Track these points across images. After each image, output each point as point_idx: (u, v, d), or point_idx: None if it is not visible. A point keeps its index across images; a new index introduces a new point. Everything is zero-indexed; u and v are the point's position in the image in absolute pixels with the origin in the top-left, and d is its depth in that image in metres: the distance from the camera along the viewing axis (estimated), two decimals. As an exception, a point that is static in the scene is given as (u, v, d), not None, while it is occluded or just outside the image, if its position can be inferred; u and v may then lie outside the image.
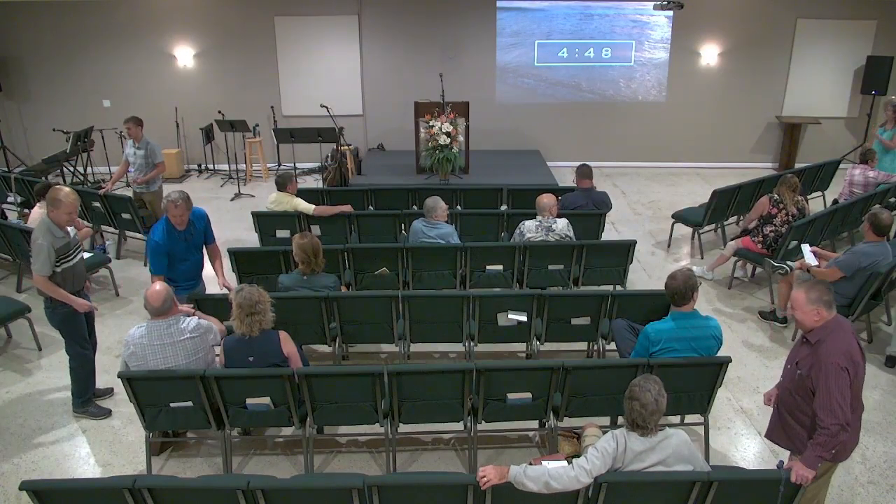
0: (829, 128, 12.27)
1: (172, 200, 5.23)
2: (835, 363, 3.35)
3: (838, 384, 3.34)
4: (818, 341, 3.45)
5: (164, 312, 4.24)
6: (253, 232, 7.07)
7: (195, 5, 11.47)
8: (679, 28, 11.86)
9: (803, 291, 3.50)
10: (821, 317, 3.46)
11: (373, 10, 11.61)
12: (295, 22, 11.57)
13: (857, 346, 3.50)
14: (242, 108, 11.47)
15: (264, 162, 11.80)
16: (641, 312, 5.09)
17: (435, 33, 11.72)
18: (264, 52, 11.71)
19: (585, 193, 7.27)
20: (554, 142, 12.19)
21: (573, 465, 3.24)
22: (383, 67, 11.87)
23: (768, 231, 7.00)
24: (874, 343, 6.34)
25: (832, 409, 3.32)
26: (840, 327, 3.49)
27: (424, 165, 9.81)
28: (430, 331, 5.36)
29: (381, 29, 11.72)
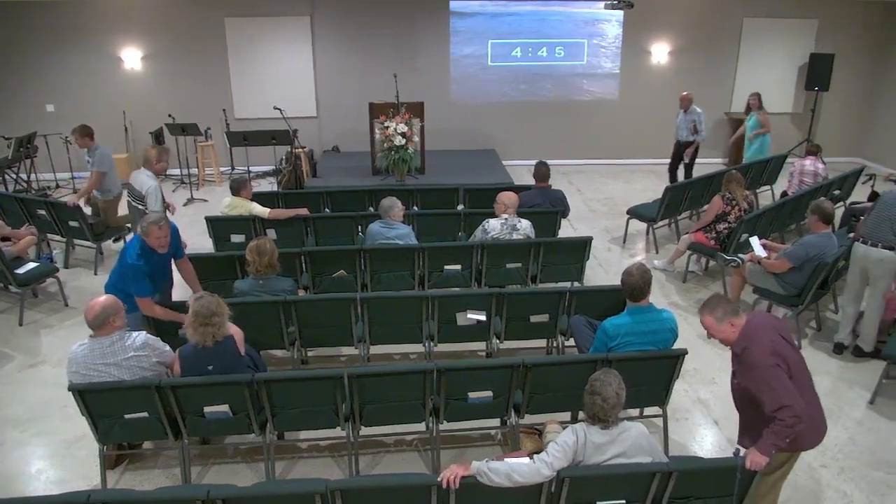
0: (776, 123, 12.52)
1: (155, 223, 4.86)
2: (764, 365, 3.41)
3: (778, 381, 3.38)
4: (743, 349, 3.50)
5: (103, 326, 4.04)
6: (207, 237, 6.96)
7: (142, 6, 11.23)
8: (630, 27, 12.06)
9: (708, 315, 3.57)
10: (736, 326, 3.53)
11: (325, 11, 11.53)
12: (246, 23, 11.41)
13: (780, 339, 3.54)
14: (193, 111, 11.26)
15: (217, 166, 11.61)
16: (599, 308, 5.16)
17: (388, 34, 11.70)
18: (215, 53, 11.53)
19: (542, 192, 7.33)
20: (509, 141, 12.27)
21: (535, 459, 3.27)
22: (337, 68, 11.79)
23: (722, 228, 7.17)
24: (822, 331, 6.53)
25: (782, 402, 3.36)
26: (757, 328, 3.53)
27: (380, 166, 9.78)
28: (390, 332, 5.35)
29: (333, 30, 11.64)
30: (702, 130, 9.97)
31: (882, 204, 5.88)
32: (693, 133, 9.98)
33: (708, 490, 3.50)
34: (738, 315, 3.56)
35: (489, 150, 12.05)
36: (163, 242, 4.95)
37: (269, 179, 11.51)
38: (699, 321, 3.68)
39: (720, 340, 3.63)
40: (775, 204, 8.07)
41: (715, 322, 3.55)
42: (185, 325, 4.11)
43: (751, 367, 3.45)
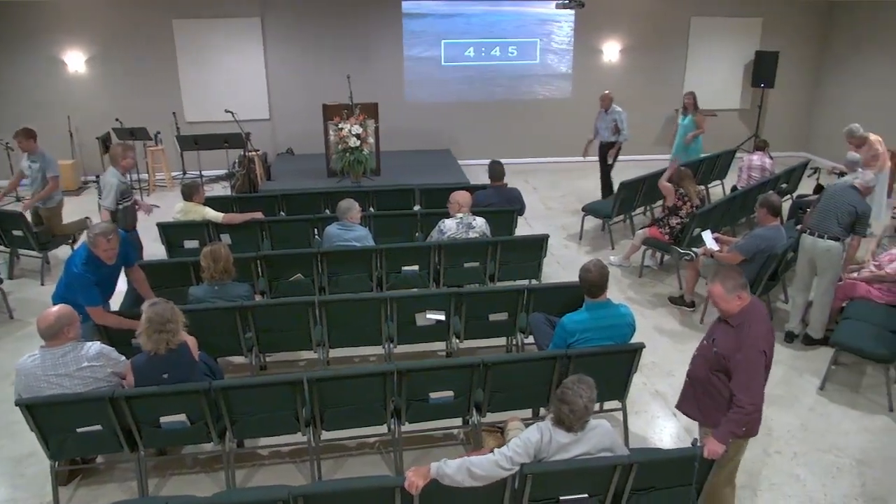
0: (725, 119, 12.88)
1: (103, 233, 4.71)
2: (756, 347, 3.51)
3: (757, 367, 3.51)
4: (740, 324, 3.58)
5: (56, 336, 3.93)
6: (160, 244, 6.81)
7: (84, 8, 10.93)
8: (581, 26, 12.20)
9: (719, 284, 3.62)
10: (742, 301, 3.60)
11: (276, 12, 11.39)
12: (195, 25, 11.21)
13: (772, 332, 3.68)
14: (142, 115, 11.01)
15: (168, 171, 11.39)
16: (557, 305, 5.19)
17: (341, 35, 11.62)
18: (163, 56, 11.28)
19: (498, 191, 7.36)
20: (464, 140, 12.30)
21: (495, 452, 3.28)
22: (289, 70, 11.66)
23: (675, 223, 7.31)
24: (774, 321, 6.66)
25: (750, 389, 3.48)
26: (759, 311, 3.65)
27: (335, 168, 9.70)
28: (349, 335, 5.31)
29: (285, 31, 11.51)
30: (624, 130, 9.61)
31: (827, 196, 6.07)
32: (615, 133, 9.64)
33: (668, 480, 3.56)
34: (746, 290, 3.63)
35: (444, 151, 12.06)
36: (110, 255, 4.81)
37: (222, 184, 11.33)
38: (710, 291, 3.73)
39: (720, 310, 3.68)
40: (726, 198, 8.26)
41: (724, 292, 3.60)
42: (139, 333, 4.01)
43: (739, 343, 3.53)
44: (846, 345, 5.42)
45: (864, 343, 5.35)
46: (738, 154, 10.96)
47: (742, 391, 3.49)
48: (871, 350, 5.30)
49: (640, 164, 11.86)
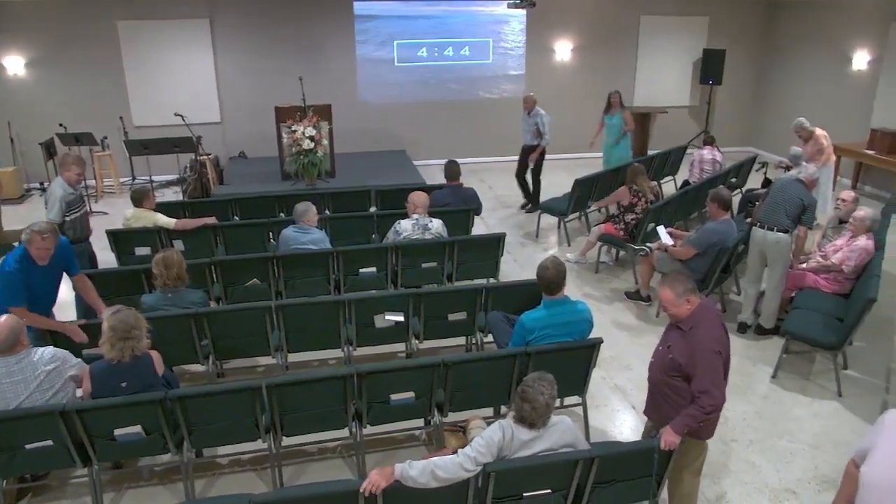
0: (675, 116, 13.14)
1: (39, 231, 4.60)
2: (710, 349, 3.57)
3: (713, 368, 3.57)
4: (691, 328, 3.64)
5: (13, 347, 3.87)
6: (109, 251, 6.64)
7: (22, 9, 10.57)
8: (533, 26, 12.29)
9: (669, 289, 3.67)
10: (692, 304, 3.65)
11: (225, 13, 11.21)
12: (140, 26, 10.96)
13: (724, 329, 3.74)
14: (87, 119, 10.72)
15: (117, 176, 11.12)
16: (516, 303, 5.22)
17: (292, 36, 11.49)
18: (108, 59, 11.00)
19: (454, 190, 7.37)
20: (420, 141, 12.29)
21: (458, 454, 3.28)
22: (240, 72, 11.49)
23: (630, 219, 7.41)
24: (727, 312, 6.83)
25: (709, 392, 3.54)
26: (709, 312, 3.71)
27: (289, 171, 9.59)
28: (307, 339, 5.26)
29: (234, 33, 11.34)
30: (545, 134, 9.38)
31: (775, 190, 6.22)
32: (536, 136, 9.42)
33: (629, 472, 3.61)
34: (695, 294, 3.68)
35: (399, 151, 12.03)
36: (42, 254, 4.69)
37: (173, 189, 11.11)
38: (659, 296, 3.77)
39: (671, 315, 3.73)
40: (678, 193, 8.42)
41: (673, 297, 3.65)
42: (102, 342, 3.93)
43: (694, 346, 3.59)
44: (796, 333, 5.56)
45: (813, 331, 5.50)
46: (689, 150, 11.17)
47: (704, 388, 3.54)
48: (819, 338, 5.45)
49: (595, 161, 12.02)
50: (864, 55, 10.90)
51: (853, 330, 5.37)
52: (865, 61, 10.91)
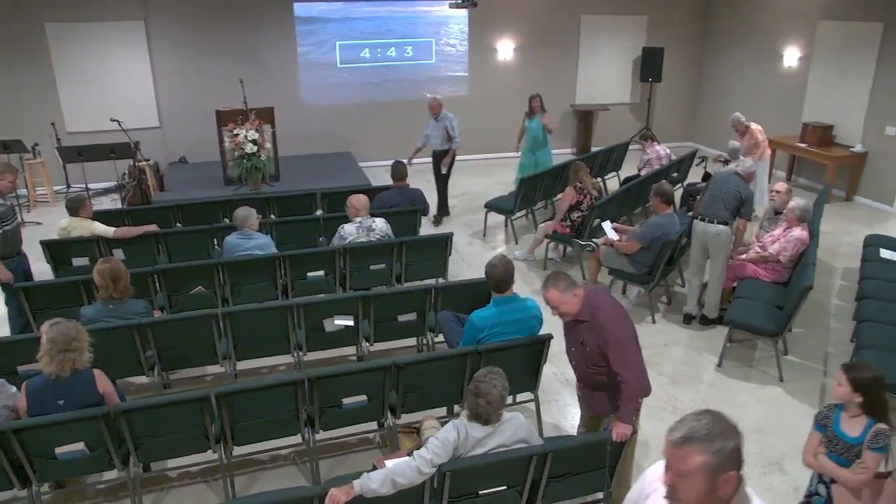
0: (617, 113, 13.38)
1: None
2: (615, 327, 3.67)
3: (626, 344, 3.67)
4: (591, 315, 3.71)
5: None
6: (44, 263, 6.40)
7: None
8: (475, 25, 12.34)
9: (553, 289, 3.73)
10: (578, 296, 3.73)
11: (160, 14, 10.92)
12: (71, 28, 10.58)
13: (620, 308, 3.86)
14: (16, 126, 10.30)
15: (50, 185, 10.73)
16: (465, 302, 5.24)
17: (231, 38, 11.26)
18: (37, 62, 10.56)
19: (401, 191, 7.35)
20: (365, 142, 12.20)
21: (415, 457, 3.27)
22: (178, 75, 11.22)
23: (576, 217, 7.50)
24: (673, 304, 6.99)
25: (627, 365, 3.64)
26: (599, 294, 3.82)
27: (233, 176, 9.42)
28: (256, 346, 5.17)
29: (171, 35, 11.06)
30: (456, 137, 9.08)
31: (714, 184, 6.39)
32: (447, 141, 9.11)
33: (582, 465, 3.66)
34: (577, 286, 3.76)
35: (345, 153, 11.92)
36: None
37: (111, 196, 10.77)
38: (547, 299, 3.80)
39: (563, 313, 3.77)
40: (622, 189, 8.57)
41: (560, 294, 3.71)
42: (40, 355, 3.79)
43: (601, 329, 3.67)
44: (739, 322, 5.72)
45: (755, 320, 5.67)
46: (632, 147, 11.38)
47: (621, 368, 3.63)
48: (761, 326, 5.62)
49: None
50: (795, 52, 11.29)
51: (792, 317, 5.55)
52: (796, 58, 11.30)
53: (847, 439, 3.41)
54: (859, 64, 10.11)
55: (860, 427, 3.39)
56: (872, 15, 9.84)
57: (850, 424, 3.43)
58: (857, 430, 3.40)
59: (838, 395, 3.43)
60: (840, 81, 10.49)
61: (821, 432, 3.53)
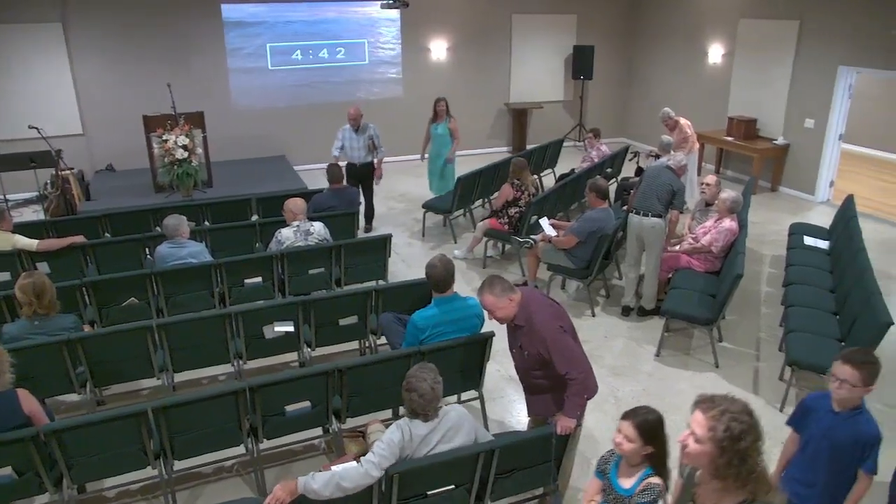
0: (551, 111, 13.56)
1: None
2: (553, 329, 3.69)
3: (565, 343, 3.70)
4: (527, 319, 3.74)
5: None
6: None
7: None
8: (407, 26, 12.31)
9: (488, 294, 3.72)
10: (514, 301, 3.74)
11: (80, 17, 10.49)
12: (-19, 33, 10.11)
13: (556, 306, 3.90)
14: (-71, 137, 9.80)
15: (-34, 197, 10.23)
16: (406, 303, 5.22)
17: (157, 41, 10.92)
18: (-53, 69, 10.09)
19: (337, 193, 7.28)
20: (299, 145, 12.03)
21: (362, 462, 3.25)
22: (102, 80, 10.81)
23: (514, 213, 7.56)
24: (611, 297, 7.12)
25: (572, 363, 3.68)
26: (534, 299, 3.84)
27: (163, 183, 9.16)
28: (194, 356, 5.03)
29: (92, 38, 10.64)
30: (380, 146, 8.70)
31: (647, 178, 6.54)
32: (371, 152, 8.67)
33: (529, 460, 3.69)
34: (514, 291, 3.77)
35: (279, 157, 11.74)
36: None
37: (32, 208, 10.31)
38: (482, 303, 3.79)
39: (500, 318, 3.78)
40: (558, 186, 8.68)
41: (495, 299, 3.71)
42: None
43: (538, 334, 3.69)
44: (675, 312, 5.87)
45: (690, 309, 5.83)
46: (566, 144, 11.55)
47: (567, 368, 3.67)
48: (696, 315, 5.78)
49: (476, 157, 12.21)
50: (719, 49, 11.66)
51: (725, 305, 5.73)
52: (720, 55, 11.67)
53: (619, 490, 3.02)
54: (778, 60, 10.51)
55: (635, 478, 2.99)
56: (789, 13, 10.25)
57: (627, 473, 3.02)
58: (631, 480, 2.99)
59: (628, 453, 2.95)
60: (761, 77, 10.89)
61: (599, 479, 3.15)
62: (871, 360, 3.13)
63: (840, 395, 3.14)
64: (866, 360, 3.11)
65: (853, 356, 3.14)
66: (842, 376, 3.11)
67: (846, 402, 3.17)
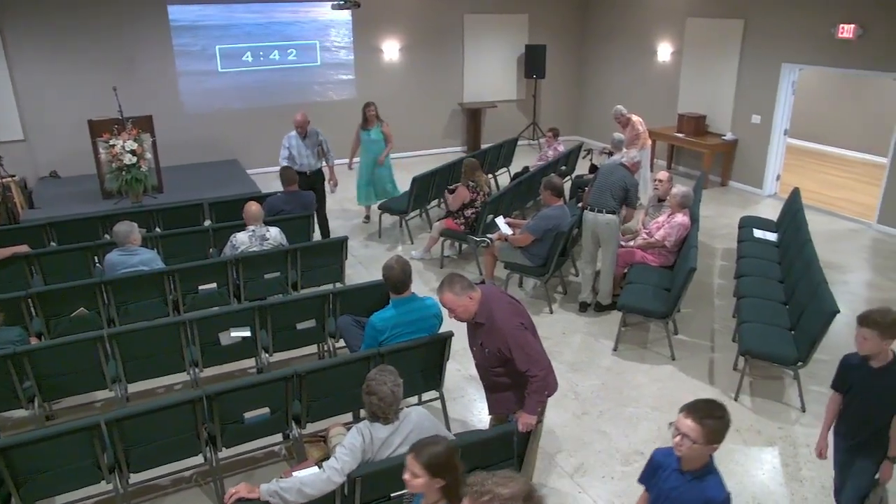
0: (505, 110, 13.64)
1: None
2: (513, 327, 3.71)
3: (526, 340, 3.73)
4: (488, 317, 3.74)
5: None
6: None
7: None
8: (359, 27, 12.24)
9: (448, 292, 3.71)
10: (474, 299, 3.74)
11: (17, 20, 10.13)
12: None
13: (515, 303, 3.91)
14: None
15: None
16: (364, 305, 5.19)
17: (102, 44, 10.60)
18: None
19: (291, 196, 7.19)
20: (252, 148, 11.84)
21: (324, 468, 3.21)
22: (44, 84, 10.46)
23: (469, 214, 7.58)
24: (568, 294, 7.19)
25: (533, 360, 3.71)
26: (494, 296, 3.84)
27: (111, 189, 8.92)
28: (149, 366, 4.91)
29: (32, 41, 10.28)
30: (329, 151, 8.36)
31: (601, 175, 6.62)
32: (321, 157, 8.36)
33: (491, 458, 3.69)
34: (474, 289, 3.77)
35: (231, 161, 11.55)
36: None
37: (-27, 218, 9.98)
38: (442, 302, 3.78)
39: (460, 317, 3.77)
40: (513, 185, 8.73)
41: (455, 297, 3.70)
42: None
43: (499, 331, 3.70)
44: (631, 307, 5.95)
45: (646, 303, 5.91)
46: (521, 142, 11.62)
47: (527, 365, 3.69)
48: (651, 309, 5.86)
49: (431, 157, 12.23)
50: (668, 47, 11.88)
51: (680, 298, 5.82)
52: (669, 53, 11.89)
53: None
54: (725, 58, 10.76)
55: None
56: (734, 12, 10.50)
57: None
58: None
59: (419, 489, 2.69)
60: (709, 74, 11.12)
61: None
62: (718, 414, 2.67)
63: (681, 452, 2.72)
64: (711, 415, 2.65)
65: (696, 407, 2.70)
66: (682, 430, 2.68)
67: (690, 461, 2.75)
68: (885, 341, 3.34)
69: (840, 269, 7.78)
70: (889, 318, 3.31)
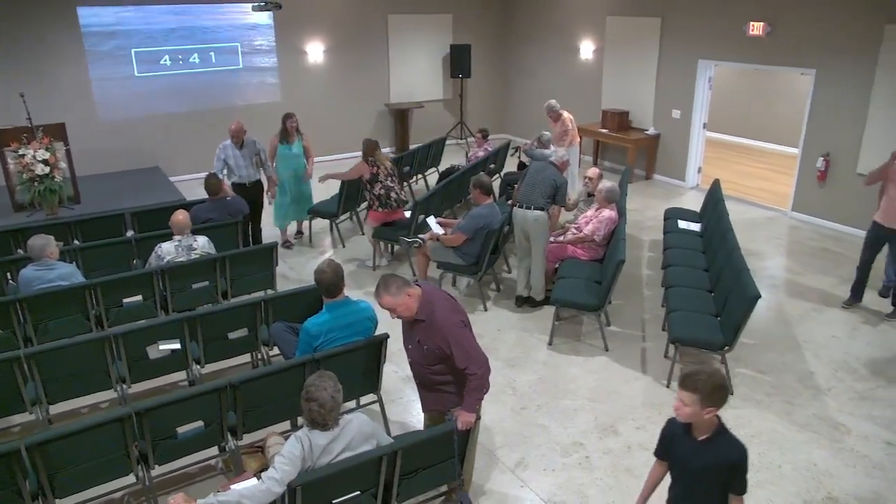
0: (432, 110, 13.67)
1: None
2: (453, 324, 3.71)
3: (466, 338, 3.74)
4: (428, 314, 3.73)
5: None
6: None
7: None
8: (282, 28, 12.03)
9: (384, 293, 3.66)
10: (413, 296, 3.72)
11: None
12: None
13: (453, 301, 3.91)
14: None
15: None
16: (297, 311, 5.11)
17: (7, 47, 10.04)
18: None
19: (218, 204, 7.00)
20: (174, 155, 11.49)
21: (263, 479, 3.14)
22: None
23: (378, 190, 7.48)
24: (502, 291, 7.24)
25: (472, 358, 3.71)
26: (433, 294, 3.84)
27: (23, 201, 8.50)
28: (72, 385, 4.69)
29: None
30: (266, 160, 7.98)
31: (531, 173, 6.71)
32: (259, 167, 7.96)
33: (432, 458, 3.68)
34: (410, 285, 3.75)
35: (153, 168, 11.17)
36: None
37: None
38: (381, 303, 3.72)
39: (402, 315, 3.74)
40: (442, 184, 8.74)
41: (393, 298, 3.67)
42: None
43: (439, 329, 3.69)
44: (564, 301, 6.04)
45: (578, 296, 6.01)
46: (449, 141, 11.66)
47: (467, 362, 3.70)
48: (584, 302, 5.97)
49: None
50: (590, 45, 12.14)
51: (610, 290, 5.95)
52: (591, 51, 12.15)
53: None
54: (645, 55, 11.06)
55: None
56: (651, 11, 10.81)
57: None
58: None
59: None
60: (631, 71, 11.42)
61: None
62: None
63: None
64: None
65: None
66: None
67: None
68: (705, 409, 2.81)
69: (759, 255, 8.10)
70: (713, 383, 2.80)
